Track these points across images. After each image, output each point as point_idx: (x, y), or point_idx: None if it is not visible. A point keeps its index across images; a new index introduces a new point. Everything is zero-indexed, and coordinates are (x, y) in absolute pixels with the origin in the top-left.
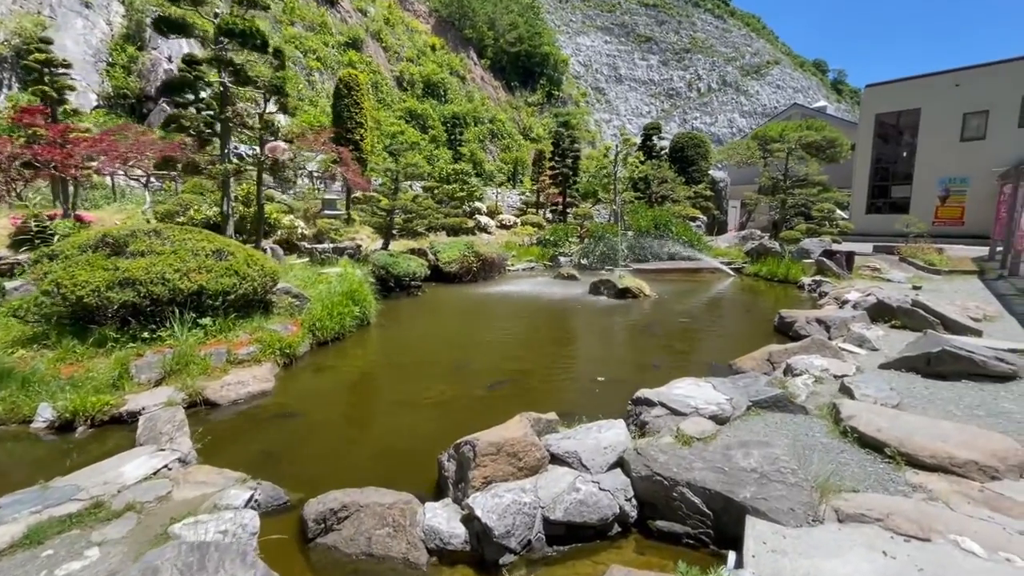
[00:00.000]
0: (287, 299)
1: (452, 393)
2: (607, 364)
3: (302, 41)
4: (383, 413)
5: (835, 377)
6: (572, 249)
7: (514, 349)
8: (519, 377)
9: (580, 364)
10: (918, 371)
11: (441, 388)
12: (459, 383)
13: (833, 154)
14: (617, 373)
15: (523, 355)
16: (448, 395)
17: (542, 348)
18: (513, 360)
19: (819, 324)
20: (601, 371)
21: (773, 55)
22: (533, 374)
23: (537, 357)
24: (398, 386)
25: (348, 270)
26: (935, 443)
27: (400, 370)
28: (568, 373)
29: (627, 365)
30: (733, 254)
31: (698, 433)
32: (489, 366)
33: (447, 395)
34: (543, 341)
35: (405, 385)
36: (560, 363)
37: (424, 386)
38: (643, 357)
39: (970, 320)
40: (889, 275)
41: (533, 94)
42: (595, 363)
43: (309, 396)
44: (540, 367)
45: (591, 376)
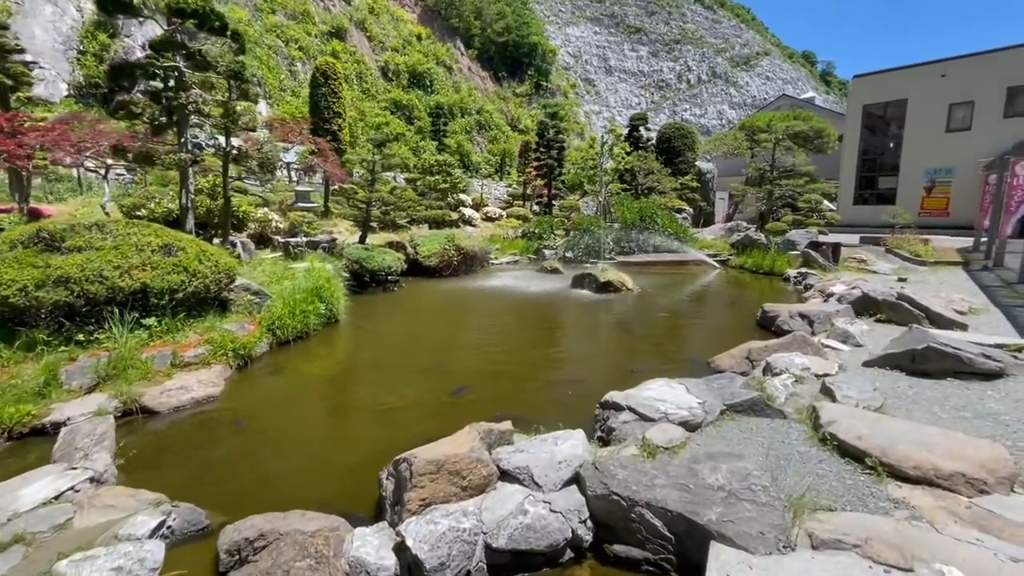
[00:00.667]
0: (246, 296)
1: (414, 398)
2: (582, 364)
3: (284, 30)
4: (335, 421)
5: (816, 376)
6: (557, 242)
7: (488, 348)
8: (487, 381)
9: (555, 364)
10: (903, 369)
11: (403, 392)
12: (424, 386)
13: (821, 144)
14: (591, 373)
15: (497, 355)
16: (409, 400)
17: (517, 347)
18: (485, 360)
19: (802, 319)
20: (575, 372)
21: (763, 46)
22: (504, 376)
23: (511, 357)
24: (357, 389)
25: (316, 265)
26: (920, 452)
27: (362, 372)
28: (541, 374)
29: (603, 364)
30: (719, 246)
31: (665, 442)
32: (459, 367)
33: (408, 400)
34: (519, 339)
35: (365, 388)
36: (534, 363)
37: (385, 390)
38: (621, 356)
39: (955, 313)
40: (875, 266)
41: (521, 85)
42: (570, 363)
43: (259, 402)
44: (513, 368)
45: (565, 377)
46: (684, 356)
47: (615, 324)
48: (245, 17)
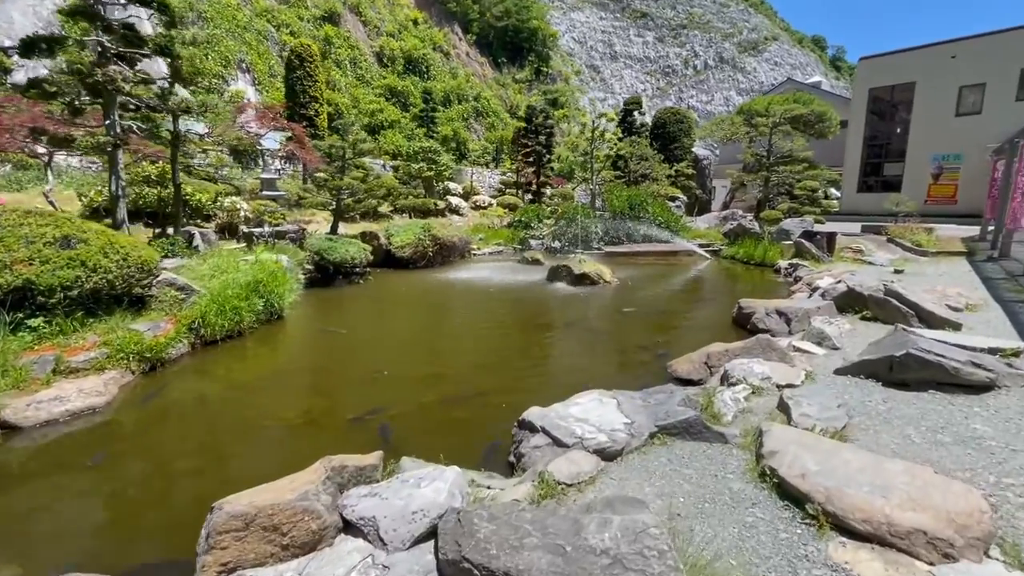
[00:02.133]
0: (171, 292)
1: (323, 412)
2: (530, 370)
3: (275, 15)
4: (212, 443)
5: (778, 387)
6: (544, 231)
7: (434, 350)
8: (417, 391)
9: (499, 371)
10: (879, 378)
11: (313, 406)
12: (340, 398)
13: (822, 129)
14: (536, 382)
15: (440, 358)
16: (316, 415)
17: (466, 349)
18: (426, 364)
19: (779, 316)
20: (519, 380)
21: (771, 31)
22: (440, 383)
23: (454, 361)
24: (262, 401)
25: (263, 257)
26: (873, 499)
27: (281, 379)
28: (481, 382)
29: (552, 371)
30: (712, 235)
31: (570, 477)
32: (393, 373)
33: (314, 415)
34: (471, 340)
35: (272, 399)
36: (478, 369)
37: (294, 402)
38: (575, 360)
39: (949, 311)
40: (872, 257)
41: (521, 71)
42: (517, 369)
43: (150, 414)
44: (453, 374)
45: (505, 386)
46: (644, 359)
47: (581, 321)
48: (235, 2)
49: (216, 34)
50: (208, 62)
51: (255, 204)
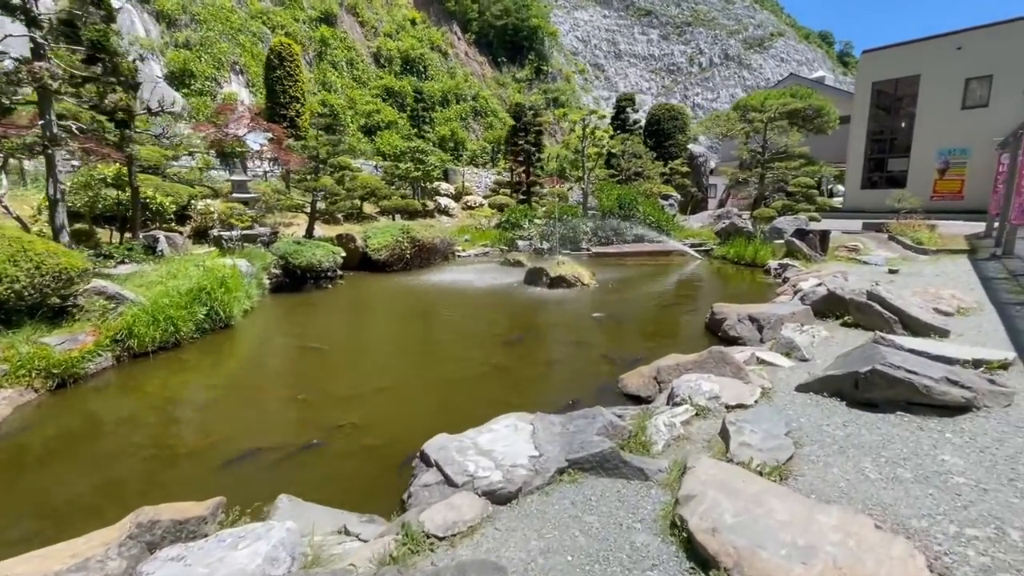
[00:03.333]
0: (99, 302)
1: (216, 440)
2: (475, 385)
3: (269, 16)
4: (71, 479)
5: (727, 408)
6: (532, 232)
7: (375, 365)
8: (344, 413)
9: (432, 390)
10: (844, 396)
11: (209, 431)
12: (251, 425)
13: (821, 124)
14: (466, 403)
15: (374, 375)
16: (213, 440)
17: (407, 364)
18: (357, 382)
19: (751, 323)
20: (459, 399)
21: (777, 27)
22: (379, 404)
23: (388, 379)
24: (155, 427)
25: (217, 262)
26: (791, 567)
27: (192, 398)
28: (417, 404)
29: (496, 388)
30: (705, 235)
31: (444, 527)
32: (320, 392)
33: (211, 441)
34: (417, 353)
35: (166, 426)
36: (421, 388)
37: (188, 430)
38: (520, 375)
39: (937, 315)
40: (868, 256)
41: (521, 70)
42: (453, 387)
43: (27, 440)
44: (382, 393)
45: (443, 406)
46: (602, 371)
47: (545, 329)
48: (229, 3)
49: (209, 36)
50: (201, 64)
51: (222, 207)
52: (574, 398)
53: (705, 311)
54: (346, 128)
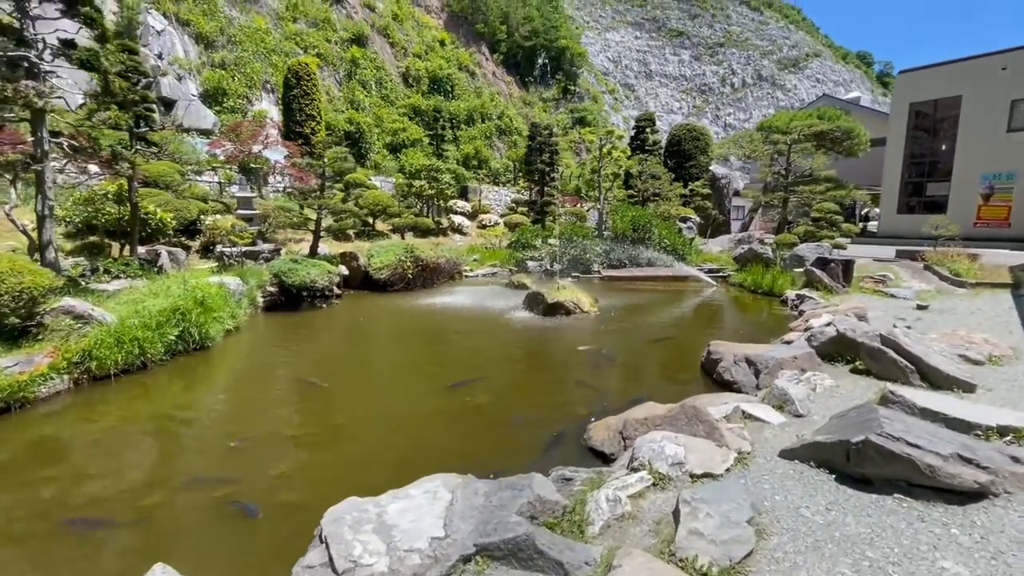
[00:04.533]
0: (66, 321)
1: (122, 489)
2: (414, 433)
3: (303, 38)
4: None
5: (692, 477)
6: (543, 253)
7: (340, 398)
8: (263, 463)
9: (374, 436)
10: (833, 468)
11: (126, 479)
12: (159, 478)
13: (851, 147)
14: (406, 453)
15: (323, 415)
16: (118, 490)
17: (363, 401)
18: (301, 422)
19: (748, 366)
20: (387, 449)
21: (813, 48)
22: (295, 451)
23: (336, 419)
24: (69, 466)
25: (199, 280)
26: None
27: (129, 430)
28: (340, 455)
29: (433, 438)
30: (723, 260)
31: None
32: (260, 433)
33: (100, 495)
34: (381, 388)
35: (79, 467)
36: (356, 431)
37: (103, 471)
38: (478, 419)
39: (964, 364)
40: (896, 288)
41: (548, 89)
42: (398, 431)
43: None
44: (323, 436)
45: (367, 458)
46: (568, 416)
47: (527, 361)
48: (264, 25)
49: (243, 57)
50: (234, 83)
51: (222, 223)
52: (531, 450)
53: (706, 347)
54: (371, 145)
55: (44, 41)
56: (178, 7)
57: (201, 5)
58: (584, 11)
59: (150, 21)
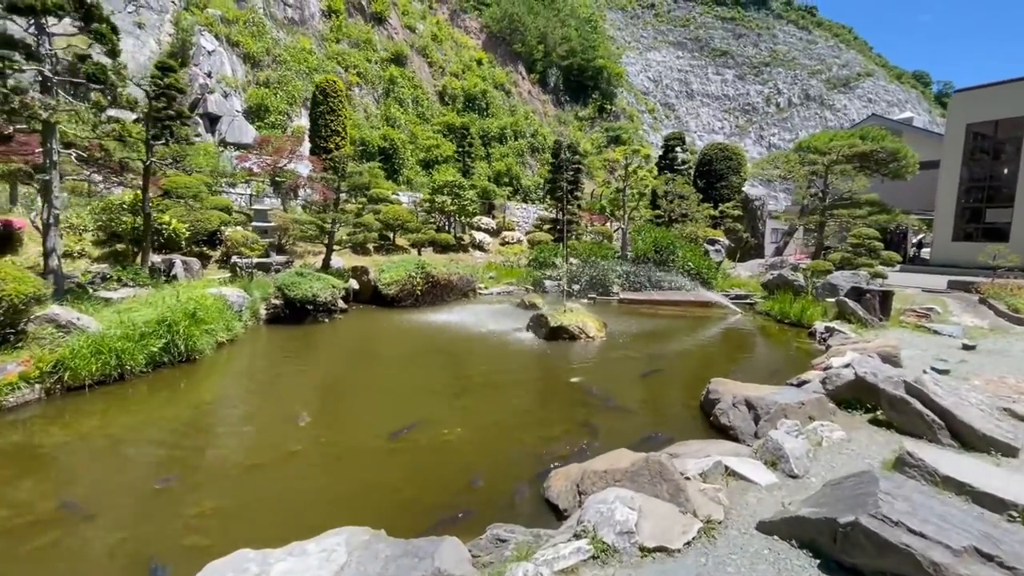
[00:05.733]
0: (49, 329)
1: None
2: (355, 475)
3: (344, 57)
4: None
5: (642, 551)
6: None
7: (307, 423)
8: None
9: (336, 467)
10: (818, 552)
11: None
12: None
13: (897, 169)
14: (355, 489)
15: (298, 439)
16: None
17: (336, 425)
18: (280, 441)
19: (748, 409)
20: (343, 481)
21: (865, 67)
22: (228, 492)
23: (310, 443)
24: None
25: (196, 291)
26: None
27: (72, 451)
28: (291, 489)
29: (373, 480)
30: (752, 286)
31: None
32: (211, 461)
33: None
34: (357, 413)
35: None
36: (320, 458)
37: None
38: (450, 450)
39: (1009, 421)
40: (942, 324)
41: (584, 108)
42: (363, 460)
43: None
44: (297, 460)
45: (295, 502)
46: (533, 459)
47: (510, 390)
48: (309, 45)
49: (287, 75)
50: (276, 100)
51: (234, 235)
52: (481, 499)
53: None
54: (405, 162)
55: (56, 56)
56: (229, 29)
57: (251, 27)
58: (625, 31)
59: (202, 42)
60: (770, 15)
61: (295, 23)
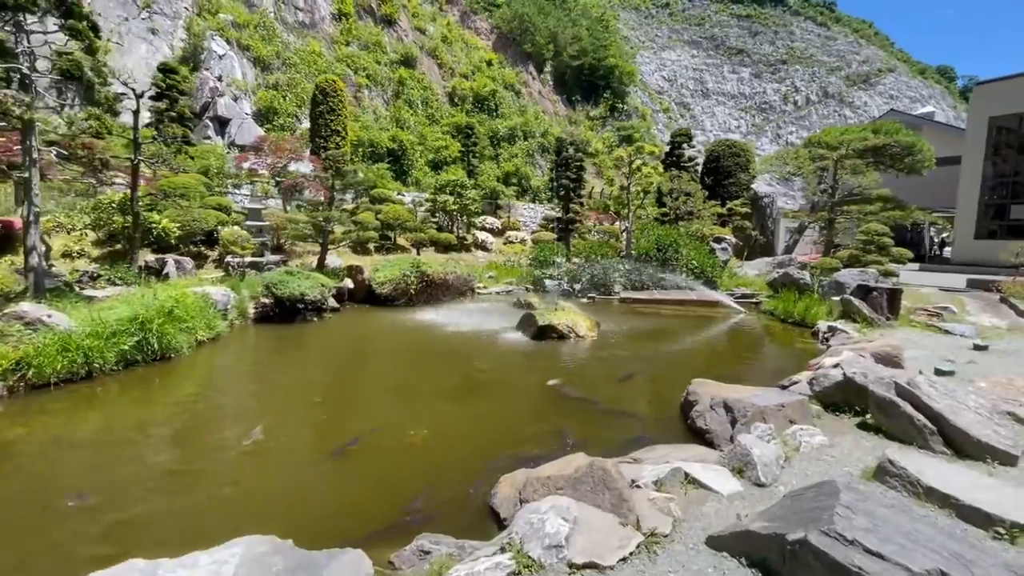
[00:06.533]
0: (16, 326)
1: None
2: (317, 477)
3: (354, 60)
4: None
5: (571, 568)
6: (563, 271)
7: (241, 434)
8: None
9: (275, 473)
10: (768, 570)
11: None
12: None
13: (912, 163)
14: (292, 502)
15: (228, 451)
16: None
17: (293, 429)
18: (215, 450)
19: (725, 412)
20: (245, 500)
21: (886, 62)
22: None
23: (248, 454)
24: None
25: (177, 290)
26: None
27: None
28: (215, 498)
29: (341, 482)
30: (757, 284)
31: None
32: (133, 469)
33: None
34: (316, 416)
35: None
36: (263, 465)
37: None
38: (406, 455)
39: (1010, 426)
40: (955, 324)
41: (596, 108)
42: (305, 471)
43: None
44: (228, 469)
45: (245, 498)
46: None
47: (481, 392)
48: (319, 48)
49: (296, 78)
50: (285, 103)
51: (226, 234)
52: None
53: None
54: (414, 163)
55: (34, 54)
56: (240, 33)
57: (261, 31)
58: (640, 31)
59: (213, 47)
60: (787, 12)
61: (305, 26)
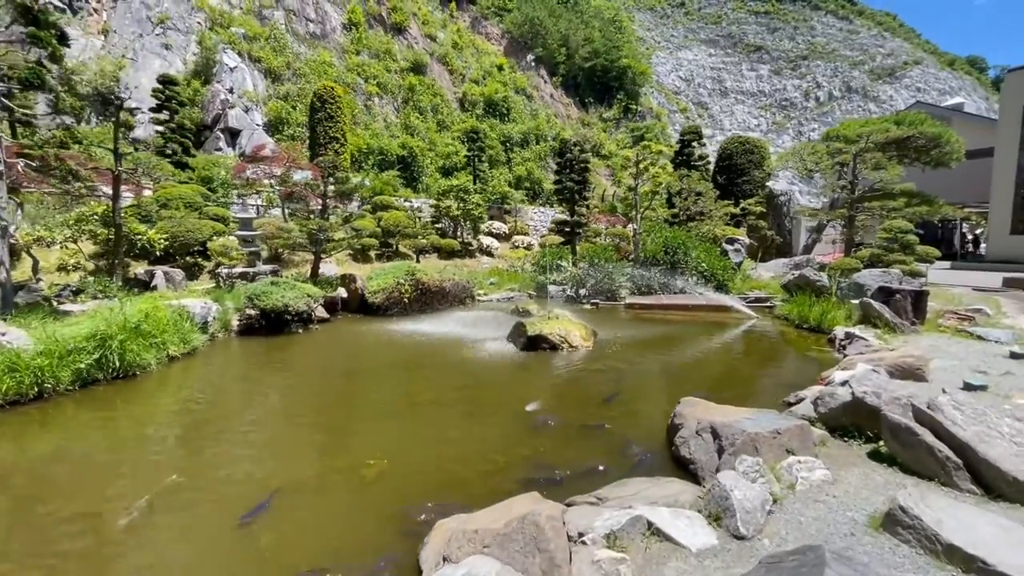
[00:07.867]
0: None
1: None
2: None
3: (364, 68)
4: None
5: None
6: (567, 276)
7: (167, 469)
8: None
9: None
10: None
11: None
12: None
13: (939, 156)
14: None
15: (157, 478)
16: None
17: (226, 465)
18: (142, 482)
19: (712, 438)
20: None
21: (912, 55)
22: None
23: (189, 476)
24: None
25: (151, 303)
26: None
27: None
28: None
29: (278, 536)
30: (772, 287)
31: None
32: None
33: None
34: (259, 449)
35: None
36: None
37: None
38: (337, 498)
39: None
40: (989, 328)
41: (609, 109)
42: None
43: None
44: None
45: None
46: (439, 507)
47: (457, 417)
48: (329, 58)
49: (305, 88)
50: (294, 113)
51: (214, 245)
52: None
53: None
54: (424, 169)
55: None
56: (251, 46)
57: (272, 43)
58: (655, 31)
59: (224, 59)
60: (807, 6)
61: (316, 37)
